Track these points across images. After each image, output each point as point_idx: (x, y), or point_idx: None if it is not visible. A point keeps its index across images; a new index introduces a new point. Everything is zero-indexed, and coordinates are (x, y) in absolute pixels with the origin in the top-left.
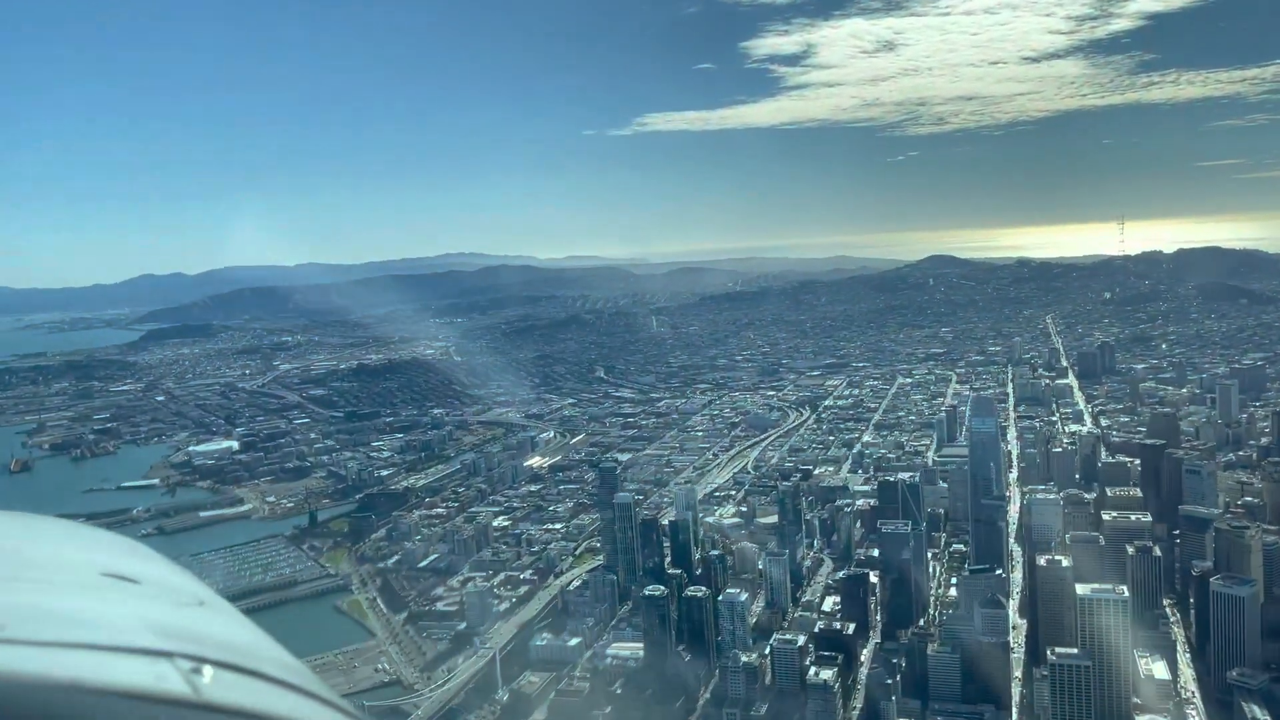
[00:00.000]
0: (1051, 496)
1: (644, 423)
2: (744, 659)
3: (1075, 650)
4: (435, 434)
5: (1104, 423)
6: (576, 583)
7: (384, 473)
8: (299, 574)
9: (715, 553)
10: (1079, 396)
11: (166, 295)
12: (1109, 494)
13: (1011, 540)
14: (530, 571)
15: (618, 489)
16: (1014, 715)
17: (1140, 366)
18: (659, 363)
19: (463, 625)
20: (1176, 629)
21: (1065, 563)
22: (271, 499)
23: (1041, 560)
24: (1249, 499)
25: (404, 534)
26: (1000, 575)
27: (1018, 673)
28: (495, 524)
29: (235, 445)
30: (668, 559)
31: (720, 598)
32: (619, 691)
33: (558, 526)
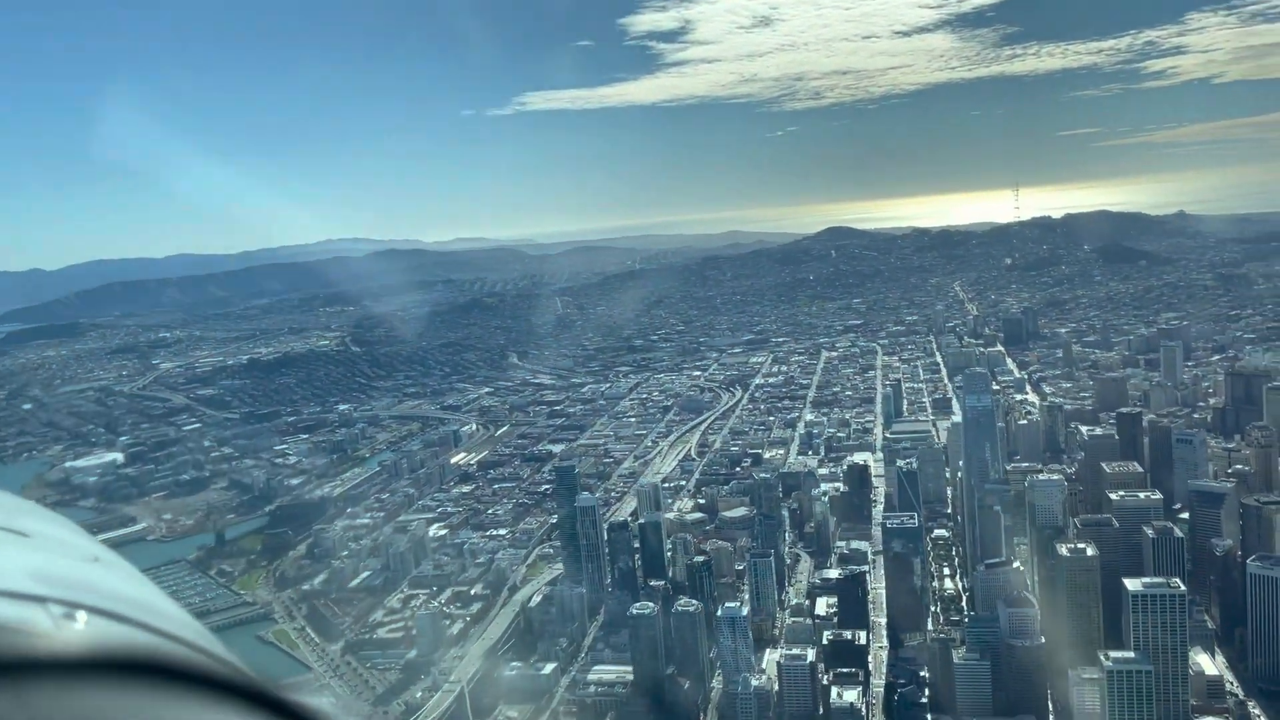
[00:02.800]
0: (1054, 478)
1: (571, 410)
2: (754, 682)
3: (1132, 654)
4: (346, 433)
5: (1047, 390)
6: (537, 598)
7: (294, 480)
8: (210, 602)
9: (700, 559)
10: (1012, 364)
11: (25, 293)
12: (1107, 469)
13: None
14: (480, 586)
15: (577, 489)
16: None
17: (1064, 331)
18: (574, 345)
19: (413, 653)
20: (1205, 616)
21: (1090, 551)
22: (168, 517)
23: (1063, 549)
24: (1239, 467)
25: (328, 550)
26: (1019, 569)
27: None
28: (432, 533)
29: (119, 457)
30: (638, 566)
31: (720, 612)
32: None
33: (502, 532)
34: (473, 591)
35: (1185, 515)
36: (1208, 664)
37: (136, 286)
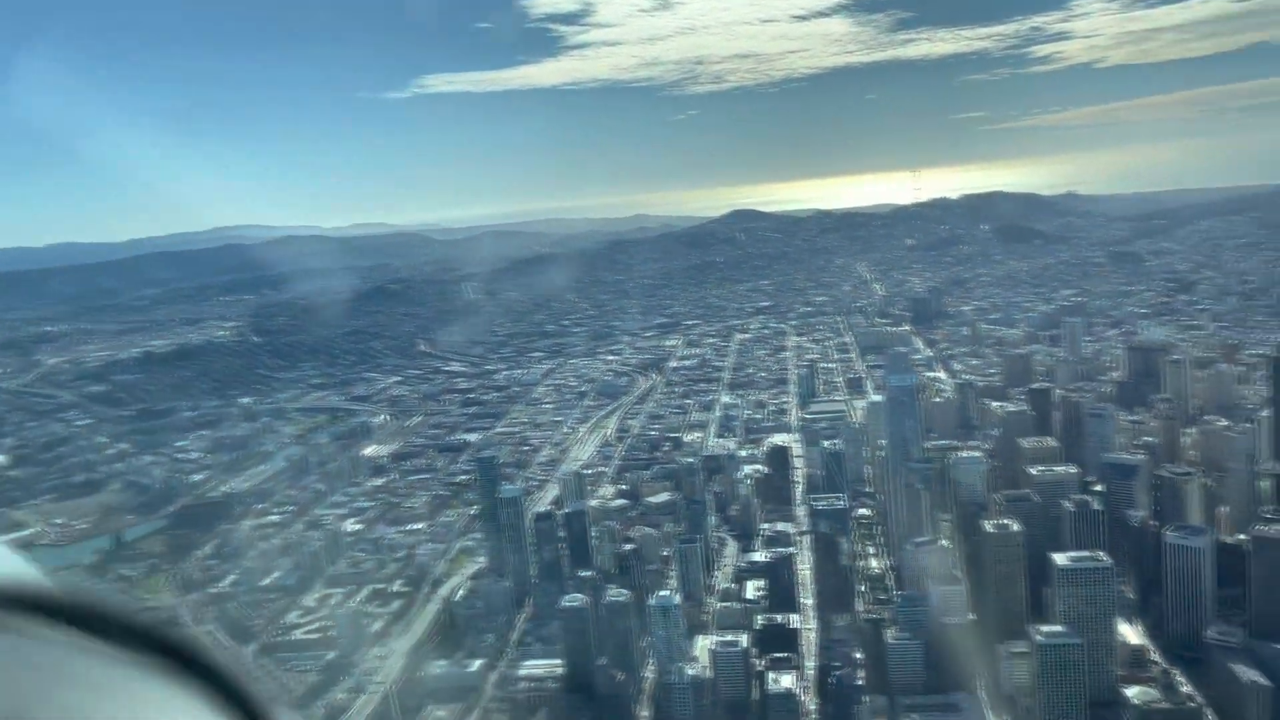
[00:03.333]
0: (976, 455)
1: (485, 398)
2: (690, 671)
3: (1061, 627)
4: (249, 427)
5: (956, 367)
6: (461, 592)
7: (196, 478)
8: None
9: (629, 547)
10: (920, 343)
11: None
12: (1023, 445)
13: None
14: (400, 582)
15: (499, 479)
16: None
17: (968, 309)
18: (485, 332)
19: (333, 654)
20: (1124, 586)
21: (1015, 527)
22: (60, 520)
23: (988, 526)
24: (1147, 439)
25: (236, 550)
26: (946, 546)
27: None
28: (346, 529)
29: (3, 459)
30: (564, 556)
31: (653, 601)
32: None
33: (421, 526)
34: (392, 588)
35: (1099, 488)
36: (1130, 633)
37: (14, 278)
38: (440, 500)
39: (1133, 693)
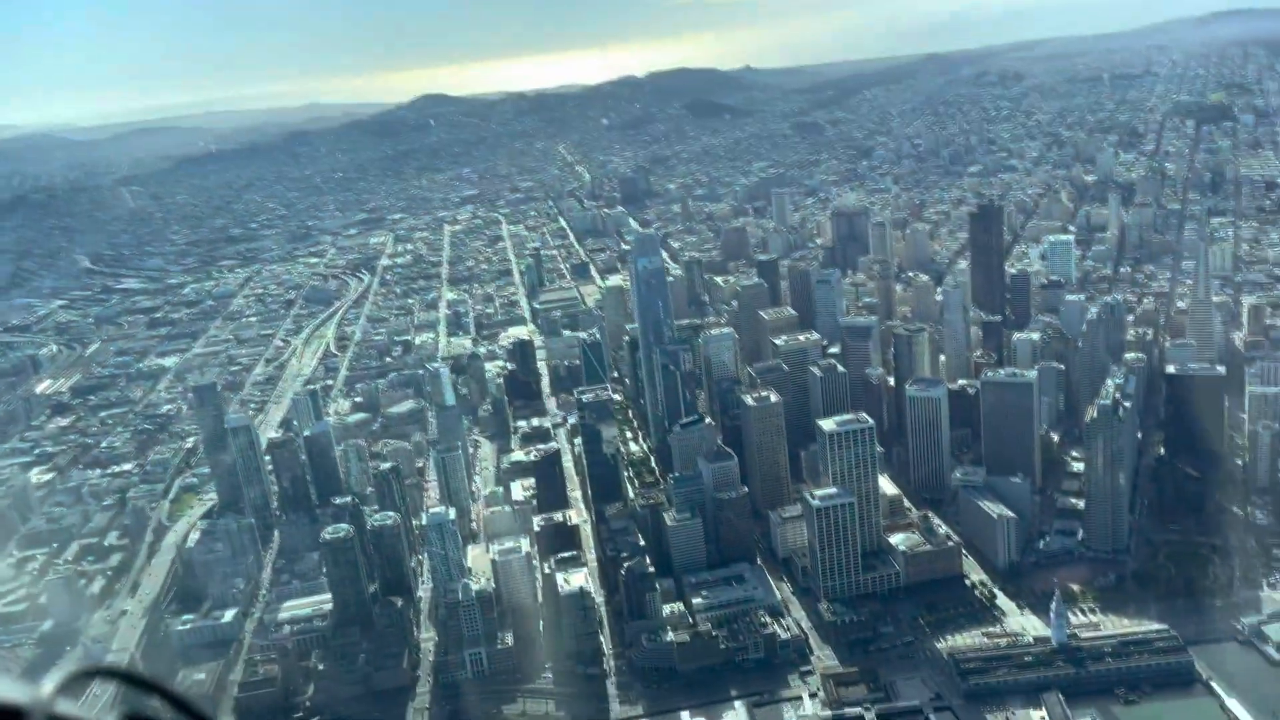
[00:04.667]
0: (725, 330)
1: (175, 316)
2: (475, 587)
3: (834, 489)
4: None
5: (675, 245)
6: (194, 537)
7: None
8: None
9: (385, 465)
10: (635, 223)
11: None
12: (764, 316)
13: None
14: (115, 534)
15: (222, 407)
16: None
17: (674, 186)
18: (160, 242)
19: (48, 624)
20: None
21: (774, 398)
22: None
23: (749, 399)
24: (868, 300)
25: None
26: (710, 425)
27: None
28: (34, 479)
29: None
30: (309, 484)
31: (425, 519)
32: (321, 667)
33: (128, 467)
34: (107, 542)
35: (834, 350)
36: (886, 484)
37: None
38: (145, 436)
39: (897, 540)
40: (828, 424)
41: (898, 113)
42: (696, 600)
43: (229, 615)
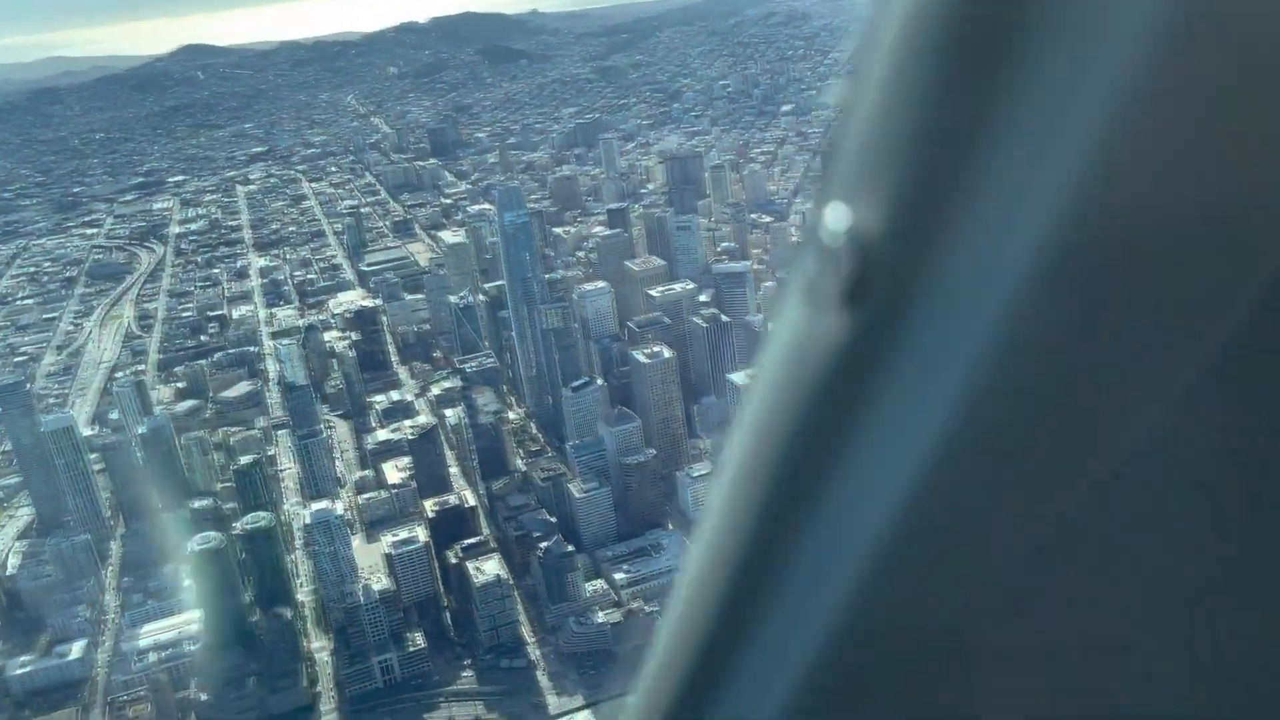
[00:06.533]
0: (600, 285)
1: None
2: (376, 588)
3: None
4: None
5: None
6: (15, 561)
7: None
8: None
9: (247, 459)
10: (451, 175)
11: None
12: (632, 267)
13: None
14: None
15: (34, 408)
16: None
17: (483, 135)
18: None
19: None
20: None
21: (666, 353)
22: None
23: (640, 356)
24: (726, 244)
25: None
26: (602, 385)
27: None
28: None
29: None
30: (149, 487)
31: (309, 517)
32: (203, 697)
33: None
34: None
35: (704, 299)
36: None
37: None
38: None
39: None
40: (738, 377)
41: (696, 54)
42: (618, 575)
43: (76, 650)
